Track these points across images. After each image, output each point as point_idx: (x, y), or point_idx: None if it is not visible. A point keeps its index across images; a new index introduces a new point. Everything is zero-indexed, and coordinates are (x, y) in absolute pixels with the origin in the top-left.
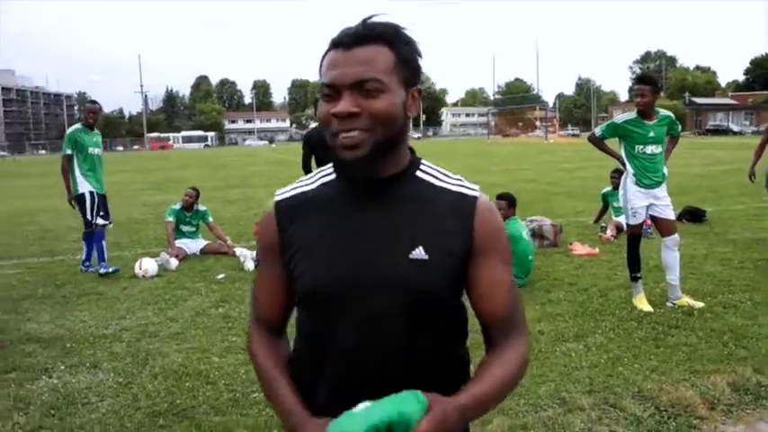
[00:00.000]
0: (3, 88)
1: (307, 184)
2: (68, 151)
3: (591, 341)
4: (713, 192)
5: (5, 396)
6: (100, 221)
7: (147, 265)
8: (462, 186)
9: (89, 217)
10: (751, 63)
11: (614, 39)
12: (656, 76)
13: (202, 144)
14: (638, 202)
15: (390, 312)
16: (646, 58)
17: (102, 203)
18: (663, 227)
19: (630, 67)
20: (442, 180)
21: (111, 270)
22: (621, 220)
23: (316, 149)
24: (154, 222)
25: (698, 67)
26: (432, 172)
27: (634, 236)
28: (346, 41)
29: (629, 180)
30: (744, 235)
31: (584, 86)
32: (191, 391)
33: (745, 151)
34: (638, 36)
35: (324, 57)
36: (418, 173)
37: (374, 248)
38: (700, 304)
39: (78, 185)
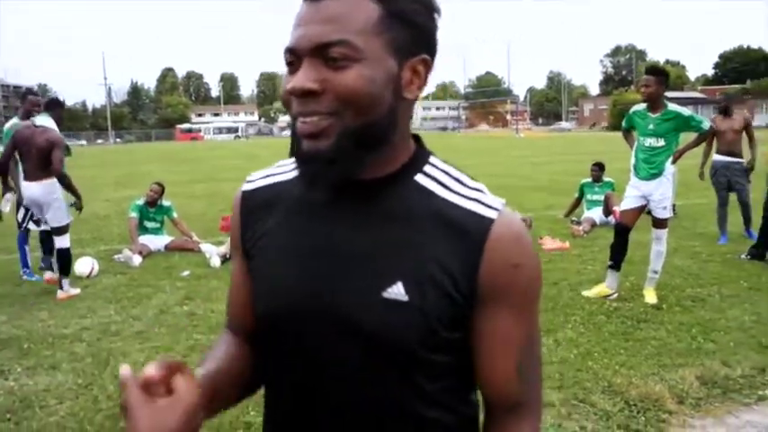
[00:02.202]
0: None
1: (284, 171)
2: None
3: (561, 336)
4: (682, 185)
5: None
6: (32, 226)
7: (81, 268)
8: (477, 202)
9: (19, 219)
10: (720, 57)
11: (586, 33)
12: (627, 68)
13: (233, 135)
14: (630, 190)
15: (355, 362)
16: (616, 51)
17: None
18: (653, 223)
19: (601, 61)
20: (450, 189)
21: (33, 279)
22: (593, 214)
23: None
24: (117, 218)
25: (668, 62)
26: (439, 177)
27: (619, 223)
28: None
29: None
30: (711, 229)
31: (555, 80)
32: None
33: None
34: (609, 30)
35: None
36: (419, 177)
37: (342, 275)
38: (652, 301)
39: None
